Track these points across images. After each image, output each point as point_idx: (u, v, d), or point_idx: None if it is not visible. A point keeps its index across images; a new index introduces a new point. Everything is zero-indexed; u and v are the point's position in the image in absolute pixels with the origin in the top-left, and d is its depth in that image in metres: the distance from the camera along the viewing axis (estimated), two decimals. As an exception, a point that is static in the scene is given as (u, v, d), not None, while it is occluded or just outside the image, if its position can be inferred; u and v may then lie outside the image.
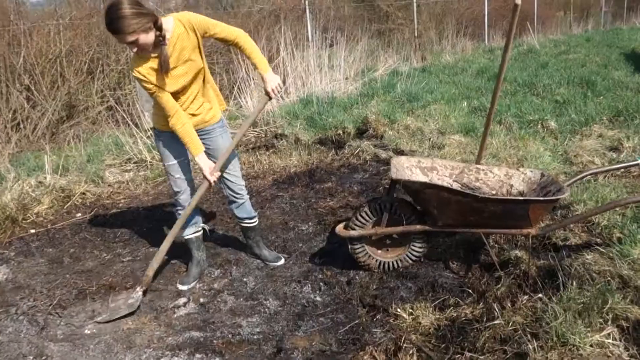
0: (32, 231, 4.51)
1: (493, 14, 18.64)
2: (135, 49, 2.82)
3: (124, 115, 8.01)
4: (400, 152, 5.55)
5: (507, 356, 2.41)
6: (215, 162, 3.23)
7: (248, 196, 3.54)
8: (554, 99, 7.18)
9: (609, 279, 2.78)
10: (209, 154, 3.29)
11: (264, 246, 3.70)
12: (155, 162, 5.96)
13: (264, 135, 6.60)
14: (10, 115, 7.98)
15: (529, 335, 2.46)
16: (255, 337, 2.88)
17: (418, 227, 3.17)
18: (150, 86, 2.95)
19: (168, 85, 2.98)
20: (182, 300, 3.29)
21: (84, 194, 5.18)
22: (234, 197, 3.46)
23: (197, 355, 2.74)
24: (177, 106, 3.05)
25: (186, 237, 3.48)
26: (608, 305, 2.52)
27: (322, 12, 12.10)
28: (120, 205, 4.98)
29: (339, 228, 3.31)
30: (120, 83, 9.45)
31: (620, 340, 2.38)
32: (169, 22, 2.90)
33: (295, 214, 4.44)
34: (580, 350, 2.33)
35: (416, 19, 15.65)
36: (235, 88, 8.54)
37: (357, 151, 5.66)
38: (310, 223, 4.23)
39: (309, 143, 6.01)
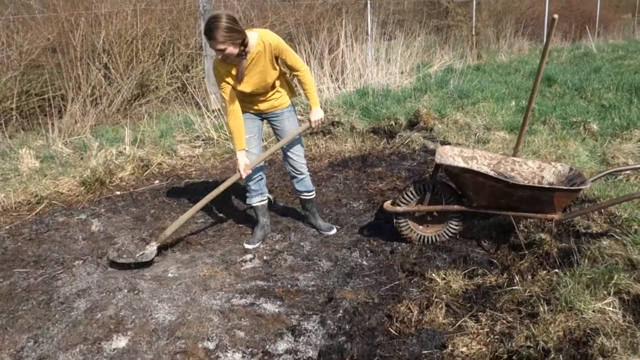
0: (118, 193, 5.19)
1: (554, 14, 18.59)
2: (220, 56, 3.42)
3: (192, 95, 8.72)
4: (447, 144, 5.99)
5: (522, 315, 2.88)
6: (253, 159, 3.85)
7: (308, 173, 4.09)
8: (601, 103, 7.45)
9: (618, 260, 3.19)
10: (277, 133, 3.94)
11: (319, 217, 4.25)
12: (222, 140, 6.58)
13: (322, 123, 7.13)
14: (89, 91, 8.76)
15: (542, 300, 2.92)
16: (310, 288, 3.43)
17: (456, 207, 3.66)
18: (224, 85, 3.57)
19: (240, 87, 3.60)
20: (249, 256, 3.88)
21: (160, 164, 5.84)
22: (295, 173, 4.03)
23: (262, 299, 3.31)
24: (237, 105, 3.66)
25: (254, 205, 4.06)
26: (613, 281, 2.96)
27: (382, 7, 12.48)
28: (192, 176, 5.62)
29: (387, 204, 3.83)
30: (188, 66, 10.07)
31: (619, 309, 2.81)
32: (253, 38, 3.48)
33: (347, 192, 4.98)
34: (584, 315, 2.77)
35: (475, 17, 15.82)
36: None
37: (407, 141, 6.14)
38: (360, 201, 4.76)
39: (363, 131, 6.52)
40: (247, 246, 4.01)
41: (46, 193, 5.02)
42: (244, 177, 3.78)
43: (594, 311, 2.78)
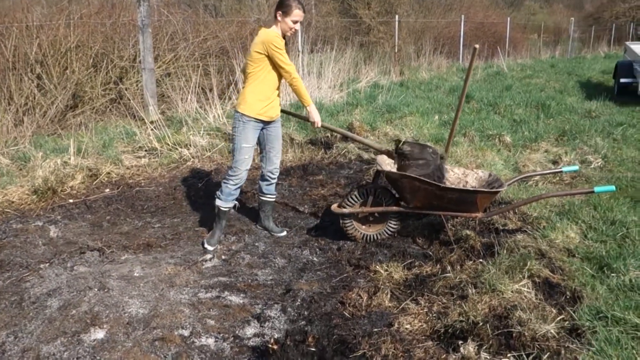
0: (71, 201, 5.37)
1: (469, 34, 19.86)
2: (294, 30, 4.10)
3: (128, 106, 8.88)
4: (380, 154, 6.55)
5: (454, 297, 3.41)
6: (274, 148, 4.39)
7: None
8: (513, 117, 8.32)
9: (530, 250, 3.81)
10: (270, 140, 4.36)
11: (272, 219, 4.65)
12: (166, 151, 6.84)
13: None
14: (22, 101, 8.72)
15: (470, 285, 3.47)
16: (269, 282, 3.83)
17: (395, 208, 4.18)
18: (283, 52, 4.01)
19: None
20: (208, 256, 4.22)
21: (109, 173, 6.04)
22: (271, 176, 4.45)
23: (226, 292, 3.67)
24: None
25: (223, 208, 4.36)
26: (527, 267, 3.55)
27: (311, 25, 13.05)
28: (142, 184, 5.86)
29: (333, 207, 4.29)
30: (122, 78, 10.19)
31: (532, 290, 3.40)
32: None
33: (293, 198, 5.41)
34: (504, 295, 3.33)
35: (397, 34, 16.73)
36: (230, 88, 9.49)
37: (343, 151, 6.66)
38: (305, 206, 5.21)
39: (302, 142, 6.98)
40: (207, 247, 4.34)
41: (-3, 201, 5.14)
42: (319, 125, 4.30)
43: (512, 292, 3.35)
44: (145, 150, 6.97)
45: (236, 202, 4.51)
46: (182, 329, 3.25)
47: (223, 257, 4.23)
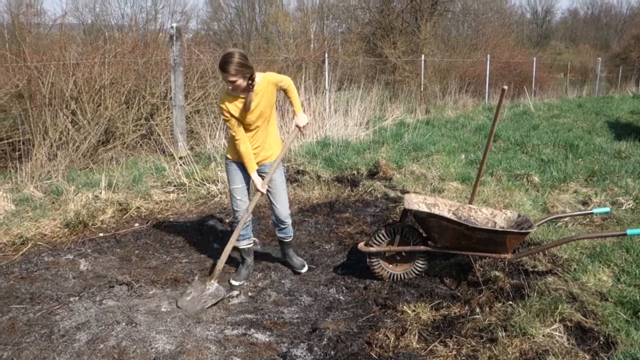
0: (101, 234, 5.45)
1: (494, 73, 19.94)
2: (231, 87, 3.90)
3: (158, 142, 9.05)
4: (407, 192, 6.54)
5: (483, 340, 3.35)
6: (272, 194, 4.34)
7: (290, 222, 4.51)
8: (540, 157, 8.26)
9: (561, 293, 3.74)
10: (269, 186, 4.32)
11: (294, 256, 4.67)
12: (194, 186, 6.94)
13: (286, 171, 7.60)
14: (57, 136, 8.96)
15: (499, 327, 3.41)
16: (295, 320, 3.81)
17: (422, 247, 4.15)
18: (229, 117, 4.02)
19: (244, 120, 4.06)
20: (235, 292, 4.23)
21: (138, 208, 6.14)
22: (279, 223, 4.46)
23: (252, 330, 3.67)
24: (243, 133, 4.09)
25: (241, 247, 4.44)
26: (558, 310, 3.48)
27: (338, 64, 13.26)
28: (171, 219, 5.93)
29: (360, 245, 4.28)
30: (153, 114, 10.44)
31: (564, 334, 3.33)
32: (258, 76, 4.02)
33: (319, 235, 5.42)
34: (535, 339, 3.27)
35: (422, 73, 16.86)
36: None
37: (369, 189, 6.66)
38: (332, 243, 5.21)
39: (328, 180, 7.02)
40: (233, 282, 4.36)
41: (30, 234, 5.24)
42: (264, 192, 4.22)
43: (543, 336, 3.29)
44: (174, 186, 7.07)
45: (255, 239, 4.55)
46: (208, 366, 3.25)
47: (250, 293, 4.24)
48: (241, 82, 3.87)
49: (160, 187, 7.04)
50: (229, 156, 4.29)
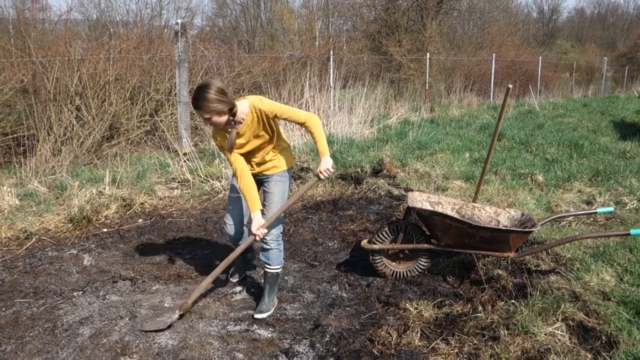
0: (105, 230, 5.47)
1: (500, 72, 19.88)
2: (208, 124, 3.52)
3: (162, 138, 9.06)
4: (410, 190, 6.54)
5: (485, 338, 3.35)
6: (265, 207, 3.73)
7: (276, 246, 3.80)
8: (545, 156, 8.25)
9: (564, 292, 3.74)
10: (265, 196, 3.82)
11: (270, 294, 3.90)
12: (198, 183, 6.96)
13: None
14: (62, 131, 8.98)
15: (502, 326, 3.41)
16: (297, 317, 3.82)
17: (425, 245, 4.15)
18: (222, 149, 3.61)
19: (237, 150, 3.61)
20: (238, 288, 4.24)
21: (142, 204, 6.15)
22: (262, 241, 3.75)
23: (255, 326, 3.68)
24: (242, 166, 3.59)
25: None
26: (561, 309, 3.48)
27: (343, 61, 13.25)
28: (174, 215, 5.95)
29: (364, 242, 4.28)
30: (157, 110, 10.45)
31: (566, 333, 3.33)
32: (244, 106, 3.49)
33: (322, 233, 5.42)
34: (537, 337, 3.27)
35: (427, 72, 16.83)
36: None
37: (373, 187, 6.66)
38: (335, 241, 5.21)
39: (332, 177, 7.02)
40: (232, 280, 4.35)
41: (34, 229, 5.26)
42: (257, 237, 3.63)
43: (545, 334, 3.29)
44: (178, 182, 7.09)
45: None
46: (210, 362, 3.26)
47: (252, 290, 4.24)
48: (217, 119, 3.37)
49: (164, 183, 7.05)
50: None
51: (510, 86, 3.81)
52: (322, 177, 3.75)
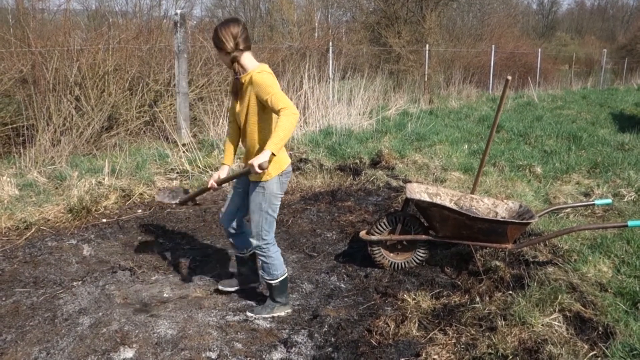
0: (104, 220, 5.48)
1: (499, 64, 19.84)
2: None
3: (161, 129, 9.05)
4: (409, 182, 6.55)
5: (483, 329, 3.37)
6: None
7: (264, 259, 3.64)
8: (543, 148, 8.26)
9: (561, 283, 3.76)
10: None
11: (270, 299, 3.77)
12: (197, 174, 6.96)
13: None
14: (61, 121, 8.96)
15: (499, 316, 3.43)
16: (296, 307, 3.84)
17: (423, 236, 4.17)
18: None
19: (235, 102, 3.53)
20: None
21: (141, 194, 6.16)
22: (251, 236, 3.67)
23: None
24: (233, 122, 3.62)
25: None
26: (558, 300, 3.50)
27: (342, 53, 13.21)
28: (173, 205, 5.95)
29: (362, 233, 4.30)
30: (156, 101, 10.42)
31: (563, 324, 3.35)
32: (249, 63, 3.37)
33: (321, 223, 5.44)
34: (535, 328, 3.29)
35: (427, 63, 16.80)
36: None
37: (372, 178, 6.67)
38: (334, 232, 5.23)
39: (331, 168, 7.03)
40: (232, 270, 4.36)
41: (34, 219, 5.27)
42: (211, 187, 3.56)
43: (542, 325, 3.31)
44: (177, 173, 7.09)
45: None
46: (209, 351, 3.28)
47: (251, 280, 4.26)
48: (221, 55, 3.38)
49: (163, 173, 7.06)
50: None
51: (509, 78, 3.82)
52: (252, 169, 3.20)
